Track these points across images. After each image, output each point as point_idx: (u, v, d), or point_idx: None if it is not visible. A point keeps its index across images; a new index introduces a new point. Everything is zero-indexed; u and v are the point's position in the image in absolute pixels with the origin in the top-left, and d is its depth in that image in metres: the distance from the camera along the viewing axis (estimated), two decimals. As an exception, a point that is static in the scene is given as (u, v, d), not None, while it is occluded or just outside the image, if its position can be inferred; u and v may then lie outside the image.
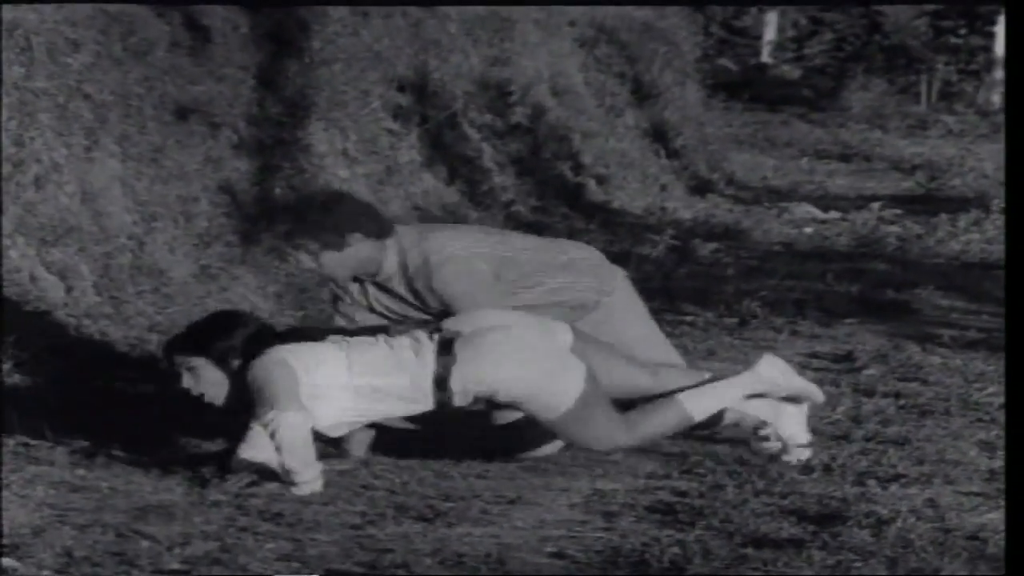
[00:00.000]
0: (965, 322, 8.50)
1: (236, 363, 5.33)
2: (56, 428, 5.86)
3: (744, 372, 5.60)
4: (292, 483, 5.12)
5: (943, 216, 11.59)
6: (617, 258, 10.08)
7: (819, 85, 20.40)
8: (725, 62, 20.24)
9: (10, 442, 5.67)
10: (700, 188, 13.15)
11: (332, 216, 5.65)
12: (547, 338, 5.35)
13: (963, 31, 20.87)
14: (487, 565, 4.52)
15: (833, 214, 12.31)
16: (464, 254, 5.61)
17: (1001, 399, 6.72)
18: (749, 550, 4.67)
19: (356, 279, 5.70)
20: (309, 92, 9.36)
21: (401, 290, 5.66)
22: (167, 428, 6.04)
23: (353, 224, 5.61)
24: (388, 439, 5.61)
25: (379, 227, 5.66)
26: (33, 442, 5.72)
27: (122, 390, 6.53)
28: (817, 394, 5.63)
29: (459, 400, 5.29)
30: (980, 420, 6.39)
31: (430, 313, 5.60)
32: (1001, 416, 6.42)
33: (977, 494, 5.33)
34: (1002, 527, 4.92)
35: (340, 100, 9.69)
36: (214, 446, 5.74)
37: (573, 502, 5.16)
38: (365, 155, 9.90)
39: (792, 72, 20.98)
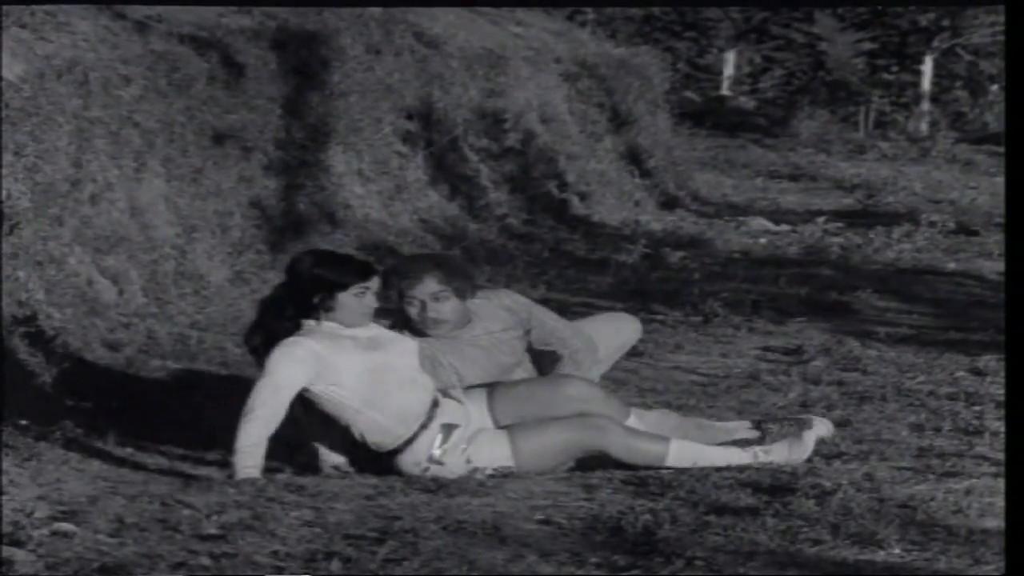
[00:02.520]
0: (898, 320, 8.51)
1: None
2: (108, 412, 5.86)
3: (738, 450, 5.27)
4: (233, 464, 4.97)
5: (879, 228, 11.58)
6: (597, 265, 10.14)
7: (771, 114, 20.39)
8: (690, 94, 20.23)
9: (68, 423, 5.67)
10: (669, 203, 13.13)
11: (469, 271, 5.60)
12: None
13: (895, 69, 20.88)
14: (483, 530, 4.52)
15: (784, 226, 12.29)
16: None
17: (929, 387, 6.73)
18: (711, 517, 4.67)
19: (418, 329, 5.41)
20: (329, 120, 9.35)
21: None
22: (204, 413, 6.04)
23: (474, 285, 5.51)
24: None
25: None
26: (90, 423, 5.72)
27: (166, 379, 6.52)
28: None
29: None
30: (911, 405, 6.39)
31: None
32: (929, 401, 6.43)
33: (908, 468, 5.33)
34: (930, 497, 4.92)
35: (356, 127, 9.68)
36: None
37: (558, 476, 5.16)
38: (377, 174, 9.89)
39: (748, 103, 20.96)
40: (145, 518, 4.53)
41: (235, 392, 6.38)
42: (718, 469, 5.17)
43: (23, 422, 5.62)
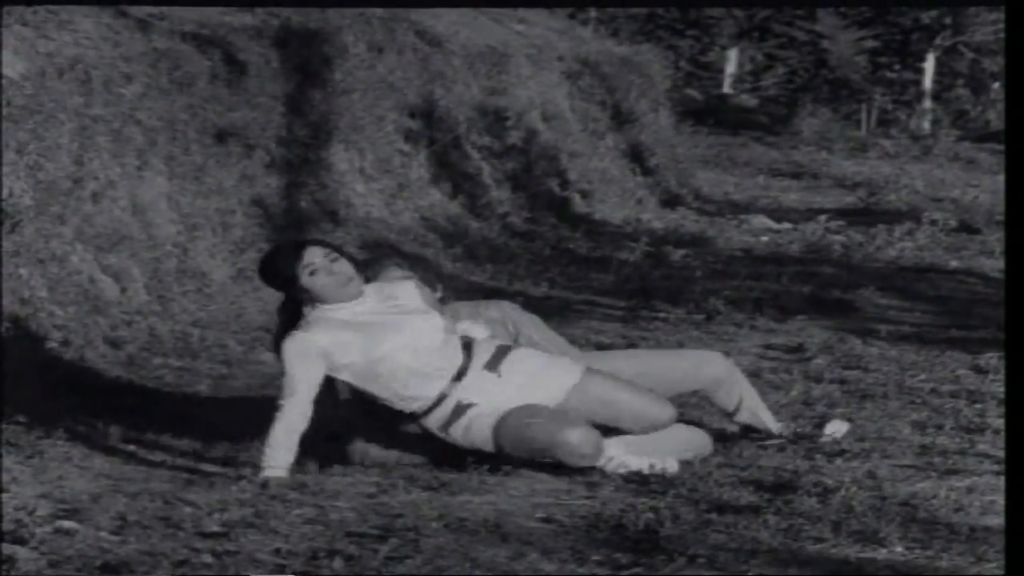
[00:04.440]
0: (900, 318, 8.51)
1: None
2: (111, 409, 5.86)
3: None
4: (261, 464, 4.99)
5: (881, 226, 11.57)
6: (599, 263, 10.13)
7: (773, 112, 20.38)
8: (692, 92, 20.22)
9: (70, 421, 5.67)
10: (671, 201, 13.12)
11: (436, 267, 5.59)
12: None
13: (897, 67, 20.87)
14: (485, 528, 4.52)
15: (786, 224, 12.28)
16: None
17: (931, 385, 6.72)
18: (713, 515, 4.67)
19: None
20: (331, 118, 9.35)
21: None
22: (206, 410, 6.04)
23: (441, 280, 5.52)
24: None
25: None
26: (92, 420, 5.72)
27: (168, 376, 6.52)
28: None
29: None
30: (912, 403, 6.38)
31: None
32: (931, 399, 6.43)
33: (910, 466, 5.33)
34: (931, 495, 4.92)
35: (358, 125, 9.68)
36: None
37: (559, 474, 5.15)
38: (380, 173, 9.89)
39: (750, 101, 20.95)
40: (147, 516, 4.53)
41: (236, 390, 6.39)
42: (719, 467, 5.16)
43: (25, 419, 5.63)
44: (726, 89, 21.28)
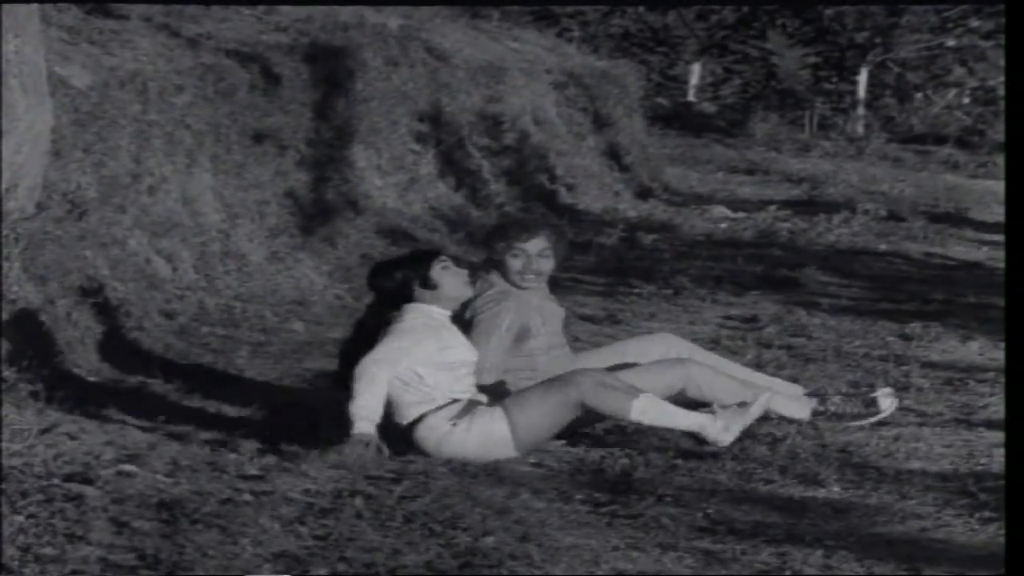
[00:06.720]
0: (838, 293, 8.50)
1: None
2: (165, 369, 5.85)
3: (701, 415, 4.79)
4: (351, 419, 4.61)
5: (822, 215, 11.54)
6: (582, 246, 10.11)
7: (730, 118, 20.33)
8: (661, 100, 20.17)
9: (131, 380, 5.66)
10: (643, 194, 13.08)
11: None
12: None
13: (835, 79, 20.81)
14: (485, 472, 4.52)
15: (741, 213, 12.25)
16: None
17: (864, 350, 6.71)
18: (679, 461, 4.67)
19: None
20: (353, 122, 9.32)
21: None
22: (246, 371, 6.03)
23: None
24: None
25: None
26: (149, 380, 5.71)
27: (213, 343, 6.51)
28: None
29: None
30: (848, 365, 6.38)
31: None
32: (864, 362, 6.42)
33: (847, 419, 5.33)
34: (864, 443, 4.92)
35: (376, 128, 9.65)
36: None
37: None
38: (394, 169, 9.86)
39: (710, 108, 20.90)
40: (196, 461, 4.53)
41: (271, 355, 6.38)
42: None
43: (93, 380, 5.62)
44: (690, 98, 21.22)
